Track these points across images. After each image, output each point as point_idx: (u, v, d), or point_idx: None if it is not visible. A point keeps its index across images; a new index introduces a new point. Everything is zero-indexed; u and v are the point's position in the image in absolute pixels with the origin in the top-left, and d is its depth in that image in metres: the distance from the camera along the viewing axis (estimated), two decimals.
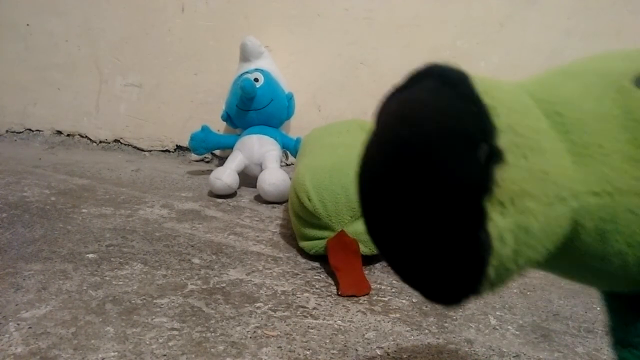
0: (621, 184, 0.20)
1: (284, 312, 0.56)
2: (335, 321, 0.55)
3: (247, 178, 1.18)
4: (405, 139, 0.19)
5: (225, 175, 1.05)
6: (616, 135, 0.20)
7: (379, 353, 0.49)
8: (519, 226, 0.18)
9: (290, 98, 1.27)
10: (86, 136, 1.59)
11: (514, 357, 0.50)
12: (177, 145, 1.51)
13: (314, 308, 0.58)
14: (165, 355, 0.46)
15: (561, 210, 0.19)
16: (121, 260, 0.68)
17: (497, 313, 0.60)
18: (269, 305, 0.58)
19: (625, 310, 0.25)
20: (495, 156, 0.18)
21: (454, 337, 0.53)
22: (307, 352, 0.48)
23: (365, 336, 0.52)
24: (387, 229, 0.20)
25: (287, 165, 1.31)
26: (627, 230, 0.20)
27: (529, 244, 0.19)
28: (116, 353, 0.46)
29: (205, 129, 1.23)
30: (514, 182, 0.18)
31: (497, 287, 0.20)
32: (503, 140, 0.18)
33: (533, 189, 0.18)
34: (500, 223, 0.18)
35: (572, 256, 0.22)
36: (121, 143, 1.56)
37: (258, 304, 0.58)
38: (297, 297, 0.60)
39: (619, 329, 0.25)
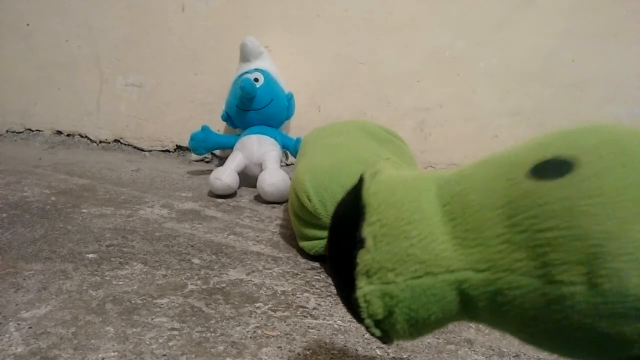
0: (501, 263, 0.22)
1: (284, 312, 0.56)
2: (335, 321, 0.55)
3: (247, 178, 1.18)
4: (332, 227, 0.30)
5: (225, 175, 1.05)
6: (497, 222, 0.23)
7: (379, 353, 0.49)
8: (383, 292, 0.25)
9: (290, 98, 1.27)
10: (86, 136, 1.59)
11: (514, 357, 0.51)
12: (177, 145, 1.51)
13: (314, 308, 0.58)
14: (165, 355, 0.46)
15: (430, 282, 0.24)
16: (121, 260, 0.68)
17: None
18: (269, 305, 0.58)
19: None
20: (359, 242, 0.26)
21: (454, 337, 0.53)
22: (307, 352, 0.48)
23: (365, 336, 0.52)
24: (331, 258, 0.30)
25: (287, 165, 1.31)
26: (516, 304, 0.22)
27: (400, 306, 0.25)
28: (116, 353, 0.46)
29: (205, 129, 1.23)
30: (374, 261, 0.25)
31: (400, 337, 0.27)
32: (366, 232, 0.26)
33: (394, 266, 0.25)
34: (365, 289, 0.26)
35: (497, 320, 0.25)
36: (121, 143, 1.56)
37: (258, 304, 0.58)
38: (297, 297, 0.60)
39: None
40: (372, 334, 0.27)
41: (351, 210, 0.28)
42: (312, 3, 1.34)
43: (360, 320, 0.27)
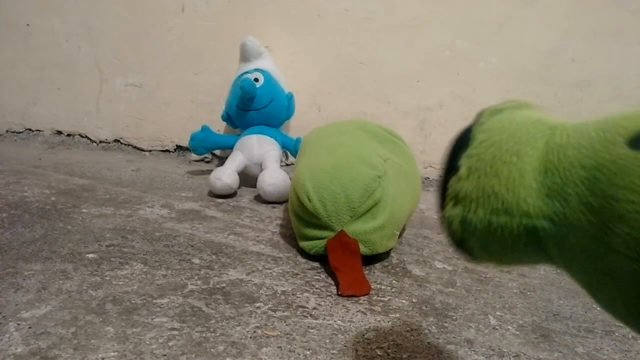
0: (574, 220, 0.24)
1: (284, 312, 0.56)
2: (335, 321, 0.55)
3: (247, 178, 1.18)
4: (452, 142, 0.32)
5: (225, 175, 1.05)
6: (581, 182, 0.24)
7: (379, 353, 0.49)
8: (463, 218, 0.29)
9: (290, 98, 1.27)
10: (86, 136, 1.59)
11: (514, 357, 0.50)
12: (177, 145, 1.51)
13: (314, 308, 0.58)
14: (165, 355, 0.46)
15: (504, 221, 0.27)
16: (121, 260, 0.68)
17: (497, 313, 0.60)
18: (269, 305, 0.58)
19: None
20: (455, 169, 0.29)
21: (454, 337, 0.53)
22: (307, 352, 0.48)
23: (365, 336, 0.52)
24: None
25: (287, 165, 1.31)
26: (580, 257, 0.24)
27: (474, 234, 0.28)
28: (116, 353, 0.46)
29: (205, 129, 1.23)
30: (462, 190, 0.29)
31: (480, 260, 0.30)
32: (463, 163, 0.29)
33: (478, 199, 0.28)
34: (449, 211, 0.30)
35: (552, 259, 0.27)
36: (121, 143, 1.56)
37: (258, 304, 0.58)
38: (297, 297, 0.60)
39: None
40: (456, 251, 0.31)
41: (461, 139, 0.30)
42: (312, 3, 1.34)
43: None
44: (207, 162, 1.47)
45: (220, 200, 1.04)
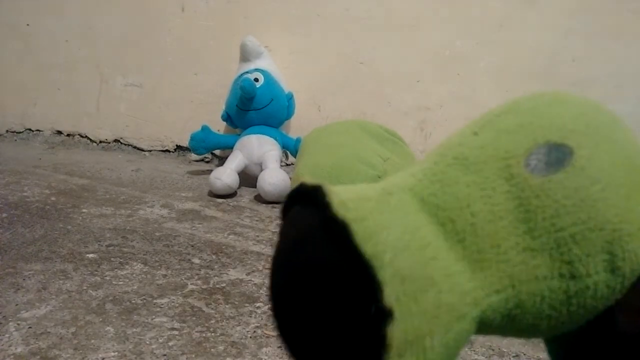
0: (521, 275, 0.20)
1: None
2: None
3: (247, 178, 1.18)
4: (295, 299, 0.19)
5: (225, 175, 1.05)
6: (512, 230, 0.20)
7: None
8: None
9: (290, 98, 1.27)
10: (86, 136, 1.59)
11: (514, 357, 0.50)
12: (177, 145, 1.51)
13: None
14: (165, 355, 0.46)
15: (462, 326, 0.19)
16: (121, 260, 0.68)
17: None
18: (269, 305, 0.58)
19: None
20: (385, 316, 0.17)
21: None
22: None
23: None
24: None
25: (287, 165, 1.31)
26: (534, 310, 0.20)
27: None
28: (116, 353, 0.46)
29: (205, 129, 1.23)
30: (408, 333, 0.18)
31: None
32: (389, 295, 0.18)
33: (428, 328, 0.19)
34: None
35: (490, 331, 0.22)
36: (121, 143, 1.56)
37: (258, 304, 0.58)
38: None
39: None
40: None
41: (345, 275, 0.18)
42: (312, 3, 1.34)
43: None
44: (207, 162, 1.46)
45: (220, 200, 1.04)
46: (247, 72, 1.24)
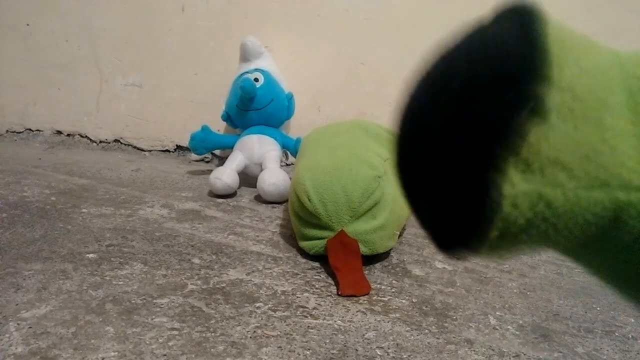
0: None
1: (283, 312, 0.56)
2: (335, 321, 0.55)
3: (247, 178, 1.18)
4: (453, 72, 0.18)
5: (225, 175, 1.05)
6: None
7: (379, 353, 0.49)
8: (541, 197, 0.16)
9: (290, 98, 1.27)
10: (86, 136, 1.59)
11: (514, 357, 0.50)
12: (177, 145, 1.51)
13: (314, 308, 0.58)
14: (165, 355, 0.46)
15: (600, 197, 0.17)
16: (121, 260, 0.68)
17: (497, 313, 0.60)
18: (269, 305, 0.58)
19: None
20: (536, 112, 0.15)
21: (454, 337, 0.53)
22: (307, 352, 0.48)
23: (365, 336, 0.52)
24: (413, 155, 0.19)
25: (287, 165, 1.31)
26: None
27: (548, 220, 0.17)
28: (116, 353, 0.46)
29: (205, 129, 1.23)
30: (551, 148, 0.16)
31: (501, 251, 0.18)
32: (553, 98, 0.16)
33: (572, 163, 0.16)
34: (519, 186, 0.16)
35: (608, 251, 0.19)
36: (121, 143, 1.56)
37: (258, 304, 0.58)
38: (297, 297, 0.60)
39: None
40: (449, 248, 0.18)
41: (517, 55, 0.16)
42: (312, 2, 1.34)
43: (452, 227, 0.18)
44: (207, 162, 1.46)
45: (220, 200, 1.04)
46: (247, 72, 1.24)
